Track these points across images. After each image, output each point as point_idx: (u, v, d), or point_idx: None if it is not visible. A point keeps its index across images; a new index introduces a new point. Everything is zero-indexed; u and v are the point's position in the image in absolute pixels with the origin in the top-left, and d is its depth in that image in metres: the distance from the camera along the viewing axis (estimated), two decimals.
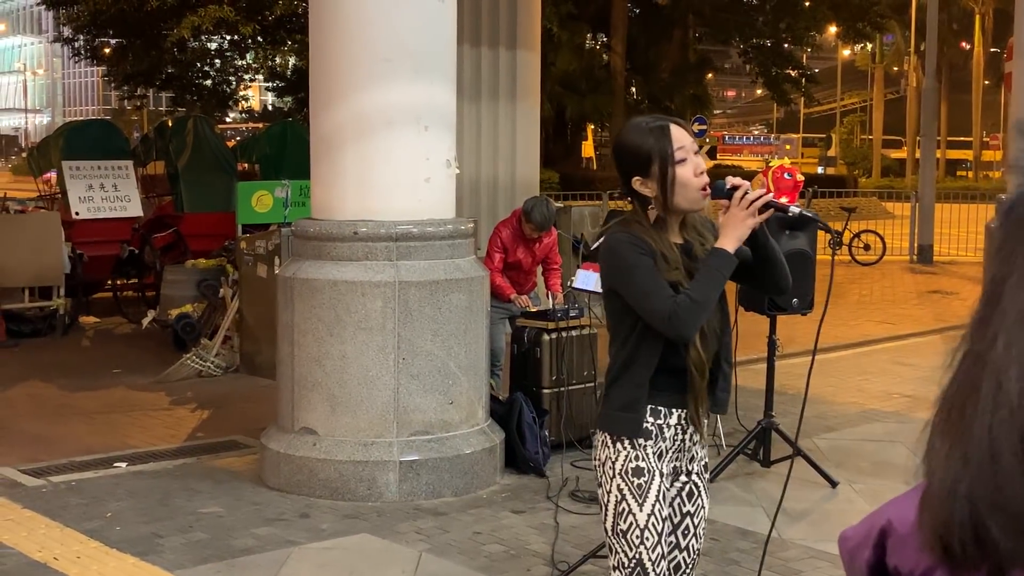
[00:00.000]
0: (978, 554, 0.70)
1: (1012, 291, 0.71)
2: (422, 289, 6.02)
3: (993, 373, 0.70)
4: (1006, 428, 0.69)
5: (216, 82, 28.00)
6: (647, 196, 3.11)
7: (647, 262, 3.05)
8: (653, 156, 3.07)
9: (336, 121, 6.15)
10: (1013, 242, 0.73)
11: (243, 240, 9.58)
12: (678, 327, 3.00)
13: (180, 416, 7.97)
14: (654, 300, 3.02)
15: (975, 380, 0.72)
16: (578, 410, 6.89)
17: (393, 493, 5.92)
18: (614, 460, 3.12)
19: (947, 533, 0.71)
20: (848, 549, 0.80)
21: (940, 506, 0.71)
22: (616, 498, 3.13)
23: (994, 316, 0.72)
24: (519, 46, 10.49)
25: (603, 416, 3.17)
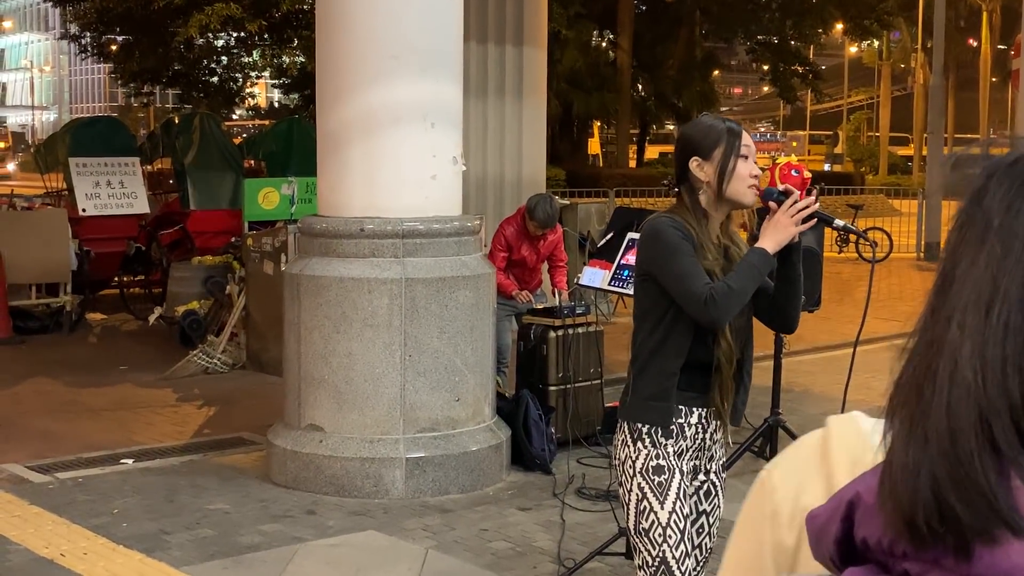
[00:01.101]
0: (942, 530, 0.72)
1: (962, 277, 0.73)
2: (428, 286, 6.02)
3: (949, 354, 0.73)
4: (964, 406, 0.71)
5: (223, 79, 28.04)
6: (700, 181, 3.13)
7: (688, 247, 3.07)
8: (720, 141, 3.13)
9: (343, 118, 6.15)
10: (961, 232, 0.76)
11: (250, 237, 9.59)
12: (712, 312, 3.00)
13: (187, 413, 7.98)
14: (692, 282, 3.02)
15: (931, 363, 0.74)
16: (584, 407, 6.89)
17: (399, 490, 5.92)
18: (634, 459, 3.12)
19: (911, 512, 0.73)
20: (816, 527, 0.81)
21: (903, 486, 0.73)
22: (637, 496, 3.12)
23: (946, 302, 0.75)
24: (525, 43, 10.48)
25: (630, 406, 3.14)
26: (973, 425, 0.71)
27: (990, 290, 0.72)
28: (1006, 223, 0.72)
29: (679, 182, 3.19)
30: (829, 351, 9.78)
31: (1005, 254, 0.72)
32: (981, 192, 0.75)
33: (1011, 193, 0.73)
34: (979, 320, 0.72)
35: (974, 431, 0.71)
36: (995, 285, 0.72)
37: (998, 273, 0.72)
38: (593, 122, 34.64)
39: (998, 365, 0.71)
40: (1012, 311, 0.71)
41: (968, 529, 0.70)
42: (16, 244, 10.71)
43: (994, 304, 0.71)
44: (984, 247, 0.73)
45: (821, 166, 45.58)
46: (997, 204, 0.73)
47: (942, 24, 19.78)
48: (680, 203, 3.17)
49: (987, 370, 0.71)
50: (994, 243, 0.72)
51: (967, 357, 0.72)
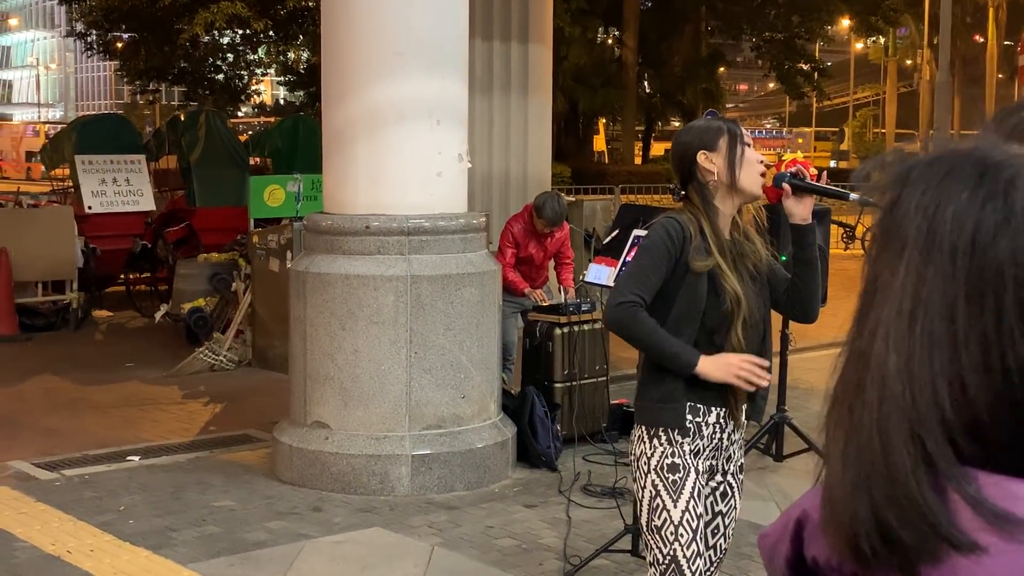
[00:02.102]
0: (886, 552, 0.70)
1: (884, 288, 0.71)
2: (434, 283, 6.02)
3: (875, 369, 0.71)
4: (894, 421, 0.70)
5: (228, 77, 28.06)
6: (710, 173, 3.11)
7: (661, 252, 3.06)
8: (723, 131, 3.14)
9: (348, 115, 6.15)
10: (883, 241, 0.73)
11: (255, 234, 9.60)
12: (614, 315, 3.05)
13: (193, 410, 7.99)
14: (631, 283, 3.07)
15: (859, 378, 0.72)
16: (590, 404, 6.89)
17: (405, 487, 5.92)
18: (649, 456, 3.11)
19: (852, 534, 0.71)
20: (767, 547, 0.79)
21: (841, 508, 0.72)
22: (651, 494, 3.11)
23: (871, 312, 0.73)
24: (531, 40, 10.47)
25: (640, 409, 3.15)
26: (905, 442, 0.69)
27: (912, 301, 0.69)
28: (923, 230, 0.69)
29: (685, 184, 3.18)
30: (835, 348, 9.74)
31: (925, 263, 0.69)
32: (897, 198, 0.72)
33: (927, 198, 0.70)
34: (902, 332, 0.69)
35: (906, 448, 0.69)
36: (916, 295, 0.69)
37: (918, 283, 0.69)
38: (598, 119, 34.59)
39: (926, 378, 0.68)
40: (935, 321, 0.68)
41: (910, 550, 0.69)
42: (22, 241, 10.72)
43: (916, 315, 0.69)
44: (903, 256, 0.70)
45: (827, 163, 45.49)
46: (913, 210, 0.70)
47: (948, 20, 19.75)
48: (690, 203, 3.16)
49: (915, 384, 0.68)
50: (912, 252, 0.70)
51: (893, 371, 0.69)
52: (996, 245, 0.66)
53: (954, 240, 0.68)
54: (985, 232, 0.67)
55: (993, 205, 0.67)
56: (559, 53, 19.57)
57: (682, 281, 3.06)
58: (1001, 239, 0.66)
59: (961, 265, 0.67)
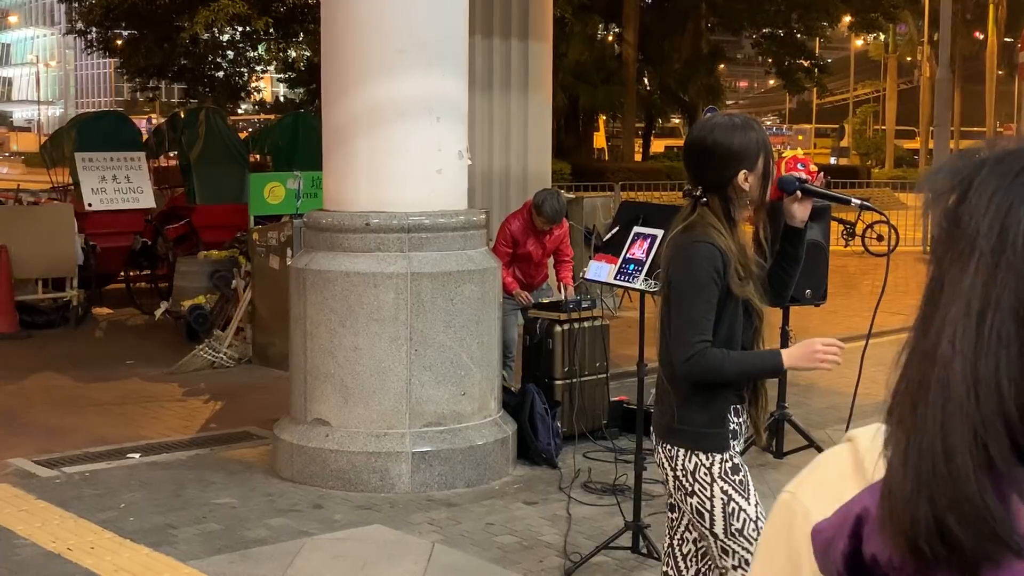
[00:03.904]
0: (945, 553, 0.70)
1: (952, 286, 0.71)
2: (434, 280, 6.02)
3: (941, 369, 0.70)
4: (957, 423, 0.69)
5: (228, 74, 28.04)
6: (744, 192, 3.05)
7: (713, 290, 3.00)
8: (760, 148, 3.06)
9: (348, 112, 6.15)
10: (949, 240, 0.72)
11: (255, 231, 9.60)
12: (688, 368, 2.99)
13: (193, 407, 7.99)
14: (692, 331, 2.98)
15: (924, 377, 0.72)
16: (590, 401, 6.89)
17: (406, 484, 5.93)
18: (709, 466, 3.08)
19: (912, 535, 0.71)
20: (822, 542, 0.79)
21: (902, 506, 0.71)
22: (722, 501, 3.09)
23: (936, 312, 0.72)
24: (531, 37, 10.46)
25: (682, 433, 3.08)
26: (968, 444, 0.68)
27: (981, 301, 0.69)
28: (995, 229, 0.69)
29: (710, 190, 3.07)
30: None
31: (996, 262, 0.68)
32: (964, 196, 0.72)
33: (998, 196, 0.69)
34: (971, 333, 0.69)
35: (969, 450, 0.68)
36: (986, 295, 0.68)
37: (988, 282, 0.69)
38: (599, 116, 34.57)
39: (991, 380, 0.68)
40: (1005, 322, 0.68)
41: (970, 552, 0.68)
42: (22, 239, 10.72)
43: (986, 315, 0.68)
44: (973, 255, 0.70)
45: (827, 159, 45.44)
46: (984, 209, 0.70)
47: (948, 17, 19.73)
48: (708, 213, 3.06)
49: (980, 386, 0.68)
50: (984, 251, 0.69)
51: (959, 372, 0.69)
52: None
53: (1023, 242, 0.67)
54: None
55: None
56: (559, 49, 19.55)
57: (724, 307, 3.04)
58: None
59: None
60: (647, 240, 4.75)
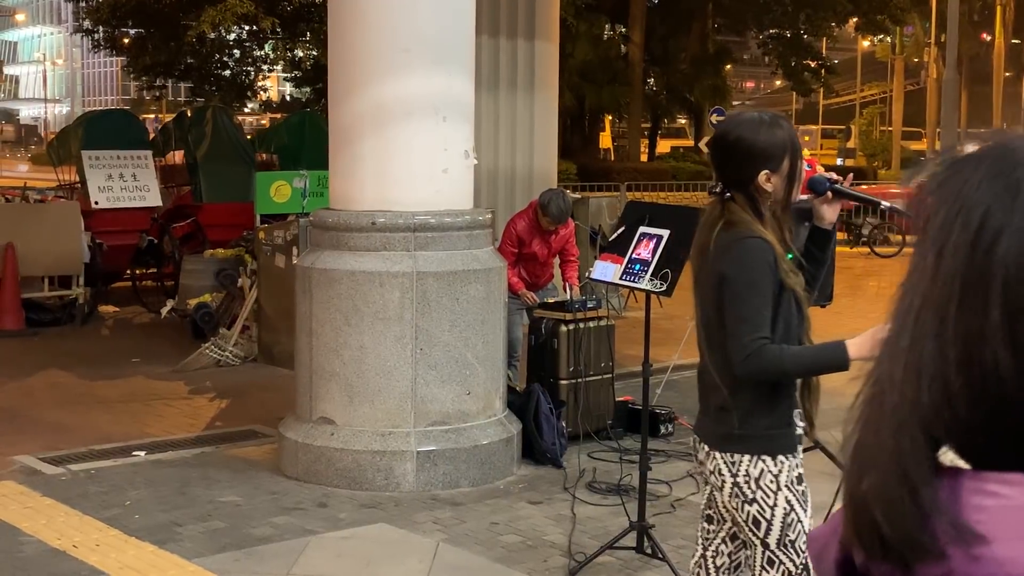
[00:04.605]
0: (881, 550, 0.70)
1: (912, 287, 0.72)
2: (440, 280, 6.03)
3: (884, 365, 0.71)
4: (887, 420, 0.70)
5: (235, 73, 28.09)
6: (768, 194, 2.99)
7: (768, 287, 2.92)
8: (787, 149, 3.00)
9: (355, 111, 6.16)
10: (916, 241, 0.74)
11: (261, 230, 9.61)
12: (746, 367, 2.90)
13: (199, 405, 8.00)
14: (748, 330, 2.89)
15: (872, 374, 0.72)
16: (595, 401, 6.89)
17: (410, 483, 5.93)
18: (776, 474, 3.00)
19: (857, 533, 0.71)
20: (816, 549, 0.79)
21: (849, 503, 0.72)
22: (785, 510, 3.02)
23: (896, 308, 0.73)
24: (537, 37, 10.46)
25: (748, 439, 2.98)
26: (896, 440, 0.69)
27: (921, 297, 0.70)
28: (939, 228, 0.70)
29: (733, 187, 3.00)
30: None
31: (937, 262, 0.69)
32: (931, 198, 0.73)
33: (953, 193, 0.70)
34: (908, 329, 0.70)
35: (897, 447, 0.69)
36: (924, 293, 0.69)
37: (931, 281, 0.70)
38: (605, 116, 34.56)
39: (914, 377, 0.69)
40: (929, 323, 0.68)
41: (897, 549, 0.69)
42: (29, 237, 10.75)
43: (920, 314, 0.69)
44: (924, 256, 0.71)
45: (833, 160, 45.37)
46: (936, 208, 0.71)
47: (955, 18, 19.71)
48: (745, 212, 2.99)
49: (907, 381, 0.69)
50: (930, 251, 0.70)
51: (896, 368, 0.70)
52: (995, 245, 0.67)
53: (961, 237, 0.68)
54: (988, 231, 0.67)
55: (1000, 203, 0.67)
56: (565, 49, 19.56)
57: (779, 301, 2.97)
58: (1000, 240, 0.67)
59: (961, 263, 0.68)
60: (653, 240, 4.75)
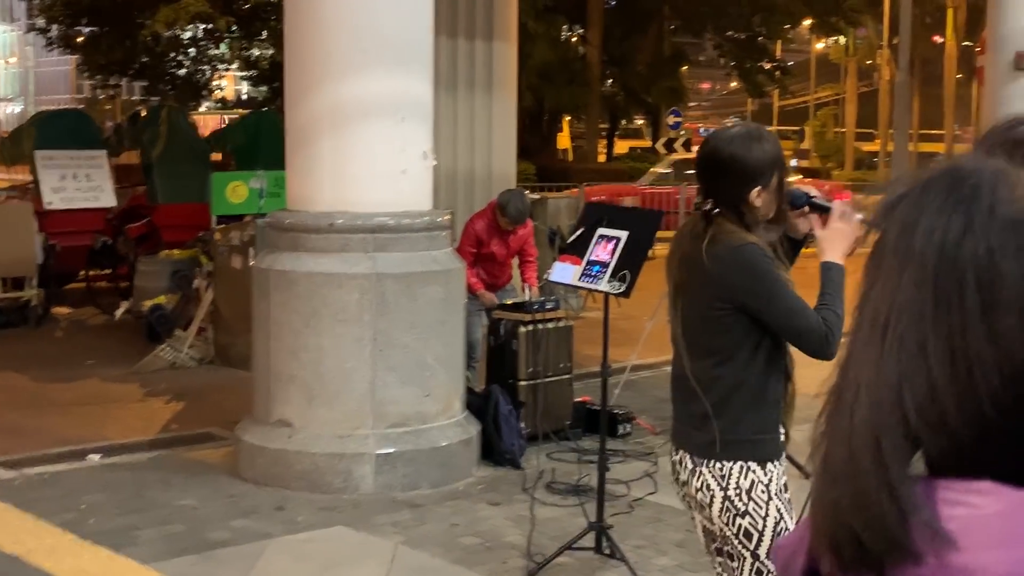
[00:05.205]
0: (857, 556, 0.71)
1: (866, 298, 0.73)
2: (399, 281, 6.02)
3: (852, 376, 0.72)
4: (861, 427, 0.71)
5: (190, 72, 27.87)
6: (759, 210, 2.99)
7: (786, 278, 2.97)
8: (776, 165, 3.01)
9: (312, 112, 6.13)
10: (872, 256, 0.75)
11: (218, 231, 9.54)
12: (832, 346, 2.92)
13: (154, 408, 7.93)
14: (807, 317, 2.93)
15: (840, 385, 0.74)
16: (554, 402, 6.91)
17: (369, 485, 5.91)
18: (767, 483, 2.98)
19: (829, 540, 0.72)
20: (783, 559, 0.80)
21: (819, 514, 0.73)
22: (775, 519, 2.99)
23: (857, 323, 0.74)
24: (496, 38, 10.46)
25: (737, 444, 2.97)
26: (870, 448, 0.70)
27: (887, 308, 0.71)
28: (901, 240, 0.71)
29: (724, 204, 3.00)
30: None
31: (900, 271, 0.71)
32: (887, 215, 0.74)
33: (906, 210, 0.72)
34: (876, 340, 0.71)
35: (871, 454, 0.70)
36: (892, 303, 0.71)
37: (895, 291, 0.71)
38: (563, 117, 34.64)
39: (893, 383, 0.70)
40: (905, 326, 0.70)
41: (875, 554, 0.70)
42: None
43: (889, 322, 0.71)
44: (883, 267, 0.73)
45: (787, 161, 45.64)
46: (894, 223, 0.72)
47: (908, 21, 19.94)
48: (734, 223, 2.99)
49: (882, 390, 0.70)
50: (891, 261, 0.72)
51: (865, 379, 0.71)
52: (960, 249, 0.68)
53: (924, 247, 0.70)
54: (951, 238, 0.69)
55: (959, 212, 0.69)
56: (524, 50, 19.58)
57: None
58: (965, 243, 0.68)
59: (930, 270, 0.69)
60: (611, 242, 4.77)
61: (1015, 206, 0.68)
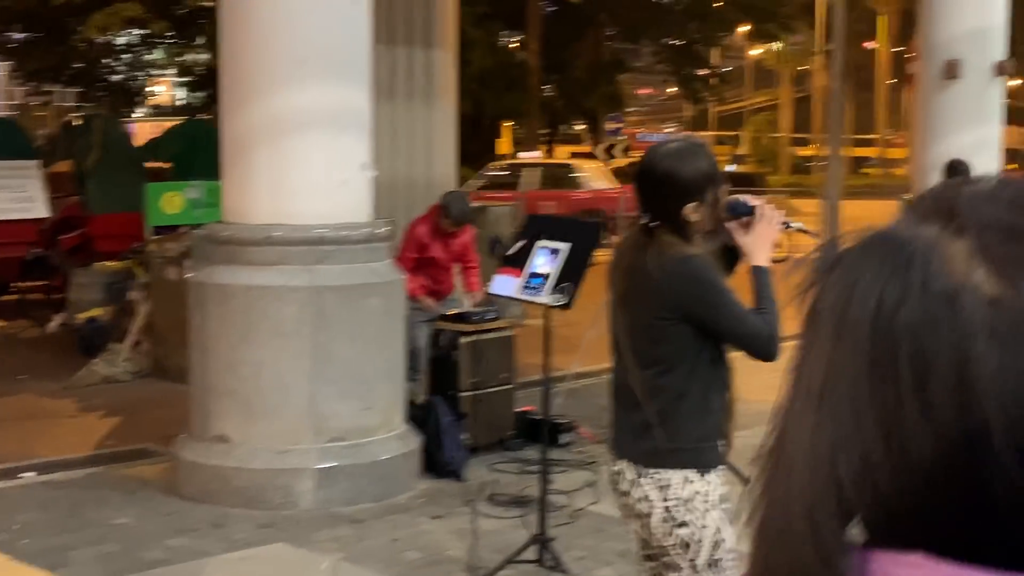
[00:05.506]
0: None
1: (801, 366, 0.73)
2: (339, 294, 5.97)
3: (787, 446, 0.72)
4: (796, 496, 0.71)
5: (125, 77, 27.52)
6: (695, 224, 3.03)
7: (727, 287, 3.05)
8: (711, 180, 3.04)
9: (248, 123, 6.07)
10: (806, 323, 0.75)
11: (153, 242, 9.41)
12: (776, 345, 3.00)
13: (90, 423, 7.79)
14: (754, 322, 3.01)
15: (774, 449, 0.74)
16: (496, 412, 6.89)
17: (309, 501, 5.85)
18: (706, 493, 3.01)
19: None
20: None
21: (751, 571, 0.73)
22: (714, 530, 3.02)
23: (790, 386, 0.74)
24: (434, 45, 10.45)
25: (679, 452, 3.00)
26: (805, 516, 0.70)
27: (821, 377, 0.70)
28: (836, 308, 0.70)
29: (661, 218, 3.03)
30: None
31: (836, 339, 0.70)
32: (823, 277, 0.74)
33: (842, 277, 0.71)
34: (810, 409, 0.70)
35: (806, 522, 0.70)
36: (826, 372, 0.70)
37: (829, 360, 0.70)
38: (503, 122, 34.69)
39: (826, 455, 0.70)
40: (840, 396, 0.70)
41: None
42: None
43: (824, 391, 0.70)
44: (819, 334, 0.72)
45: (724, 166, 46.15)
46: (830, 290, 0.71)
47: (842, 29, 20.21)
48: (674, 236, 3.02)
49: (816, 461, 0.70)
50: (826, 329, 0.70)
51: (799, 449, 0.71)
52: (895, 320, 0.68)
53: (860, 316, 0.69)
54: (886, 308, 0.68)
55: (893, 283, 0.69)
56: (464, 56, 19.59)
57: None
58: (899, 315, 0.68)
59: (865, 340, 0.69)
60: (552, 254, 4.77)
61: (948, 279, 0.68)
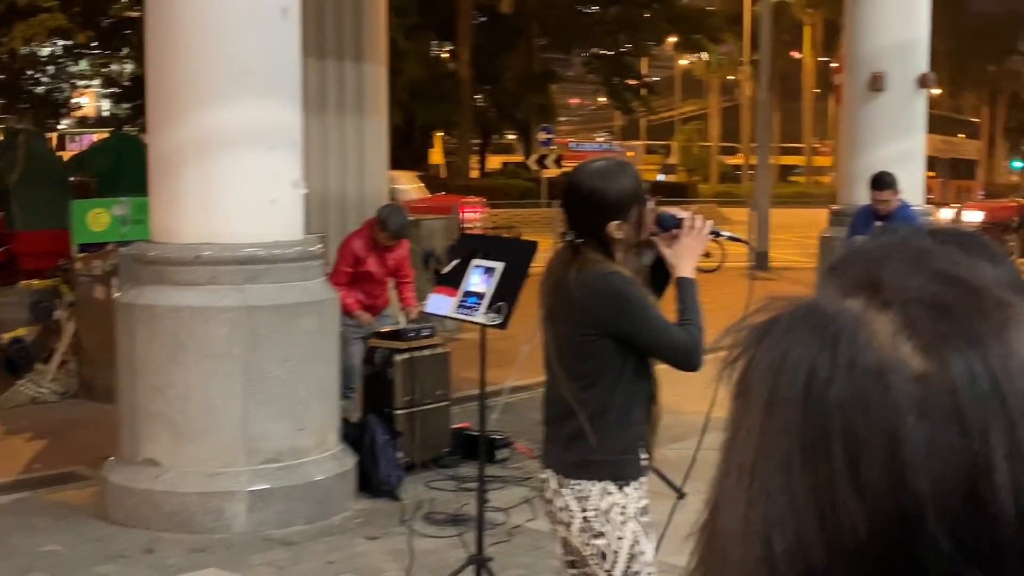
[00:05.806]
0: None
1: (732, 442, 0.72)
2: (271, 313, 5.89)
3: (720, 524, 0.72)
4: (731, 573, 0.70)
5: (49, 89, 27.05)
6: (619, 241, 3.08)
7: (653, 300, 3.11)
8: (634, 199, 3.10)
9: (176, 140, 5.97)
10: (736, 398, 0.73)
11: (79, 260, 9.23)
12: (699, 357, 3.05)
13: (15, 447, 7.61)
14: (675, 335, 3.07)
15: (709, 525, 0.73)
16: (432, 430, 6.85)
17: (242, 524, 5.76)
18: (624, 505, 3.06)
19: None
20: None
21: None
22: (631, 542, 3.07)
23: (722, 463, 0.73)
24: (365, 59, 10.38)
25: (600, 464, 3.05)
26: None
27: (753, 454, 0.69)
28: (765, 383, 0.69)
29: (586, 235, 3.09)
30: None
31: (766, 416, 0.69)
32: (751, 348, 0.73)
33: (770, 352, 0.70)
34: (742, 487, 0.70)
35: None
36: (757, 448, 0.69)
37: (760, 436, 0.69)
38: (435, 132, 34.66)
39: (760, 533, 0.69)
40: (771, 473, 0.69)
41: None
42: None
43: (755, 469, 0.69)
44: (748, 411, 0.71)
45: (654, 176, 46.56)
46: (757, 365, 0.70)
47: (768, 40, 20.50)
48: (599, 253, 3.08)
49: (748, 540, 0.69)
50: (756, 405, 0.70)
51: (731, 527, 0.70)
52: (825, 397, 0.67)
53: (790, 393, 0.68)
54: (816, 386, 0.67)
55: (822, 358, 0.67)
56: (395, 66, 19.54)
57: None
58: (830, 392, 0.67)
59: (796, 417, 0.67)
60: (487, 273, 4.75)
61: (875, 355, 0.67)
